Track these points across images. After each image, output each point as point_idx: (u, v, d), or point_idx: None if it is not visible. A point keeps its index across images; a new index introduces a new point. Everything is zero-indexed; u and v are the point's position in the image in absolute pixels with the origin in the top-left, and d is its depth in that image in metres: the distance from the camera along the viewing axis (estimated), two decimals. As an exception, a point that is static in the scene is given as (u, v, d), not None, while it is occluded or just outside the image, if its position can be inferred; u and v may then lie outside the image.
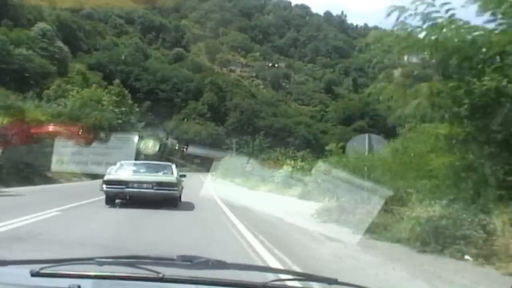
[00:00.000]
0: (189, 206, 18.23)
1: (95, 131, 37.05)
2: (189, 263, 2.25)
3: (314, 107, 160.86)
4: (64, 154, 30.36)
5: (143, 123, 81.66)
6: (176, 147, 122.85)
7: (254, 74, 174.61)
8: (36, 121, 31.02)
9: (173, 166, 19.35)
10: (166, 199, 17.01)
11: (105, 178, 17.08)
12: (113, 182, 16.86)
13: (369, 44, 12.09)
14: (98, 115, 45.35)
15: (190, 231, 11.83)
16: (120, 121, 52.65)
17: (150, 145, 38.00)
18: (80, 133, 32.60)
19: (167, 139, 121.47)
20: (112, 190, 16.89)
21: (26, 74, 56.82)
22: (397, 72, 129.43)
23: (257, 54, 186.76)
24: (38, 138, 30.16)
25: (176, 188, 17.26)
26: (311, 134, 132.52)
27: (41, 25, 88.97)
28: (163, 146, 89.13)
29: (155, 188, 16.83)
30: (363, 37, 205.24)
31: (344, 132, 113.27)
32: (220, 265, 2.31)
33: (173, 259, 2.31)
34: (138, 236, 10.43)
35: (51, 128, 30.52)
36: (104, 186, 16.83)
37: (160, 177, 17.80)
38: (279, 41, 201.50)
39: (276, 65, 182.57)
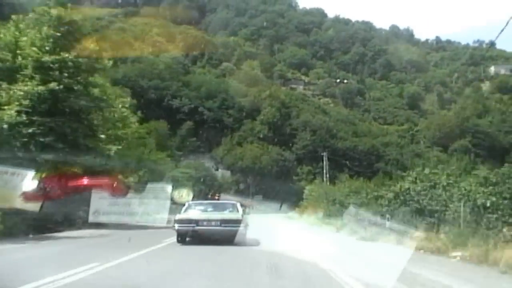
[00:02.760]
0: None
1: (129, 183, 36.61)
2: None
3: (400, 125, 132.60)
4: (101, 205, 30.62)
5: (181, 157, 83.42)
6: (229, 180, 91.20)
7: (319, 92, 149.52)
8: (73, 173, 31.08)
9: (238, 205, 20.36)
10: (233, 235, 17.77)
11: (176, 217, 18.62)
12: (184, 221, 18.18)
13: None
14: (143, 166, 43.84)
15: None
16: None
17: (184, 195, 34.56)
18: (115, 185, 31.00)
19: (216, 169, 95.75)
20: (183, 228, 18.12)
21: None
22: (485, 86, 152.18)
23: (321, 70, 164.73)
24: (76, 190, 30.09)
25: (241, 225, 18.06)
26: (404, 157, 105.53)
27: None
28: (210, 179, 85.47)
29: (222, 225, 17.95)
30: (436, 51, 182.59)
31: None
32: None
33: None
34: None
35: (86, 181, 30.12)
36: (176, 225, 18.14)
37: (226, 214, 18.93)
38: (344, 57, 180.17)
39: (345, 81, 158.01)
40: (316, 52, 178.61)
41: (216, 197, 72.99)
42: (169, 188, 34.80)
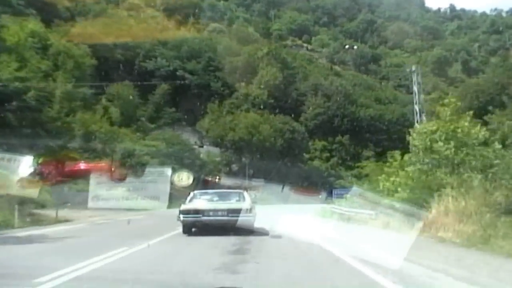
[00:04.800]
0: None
1: (127, 167, 40.76)
2: None
3: (427, 95, 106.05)
4: (100, 190, 29.86)
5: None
6: (217, 158, 68.45)
7: (326, 59, 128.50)
8: (70, 158, 33.46)
9: (245, 193, 20.12)
10: (241, 225, 17.45)
11: (181, 208, 18.06)
12: (189, 211, 17.70)
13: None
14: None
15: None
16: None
17: (184, 178, 30.80)
18: (113, 169, 33.73)
19: (201, 145, 78.71)
20: (189, 219, 17.71)
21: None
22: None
23: (326, 37, 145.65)
24: (74, 175, 32.20)
25: (250, 214, 17.79)
26: None
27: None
28: (190, 156, 67.35)
29: (230, 215, 17.47)
30: (451, 20, 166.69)
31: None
32: None
33: None
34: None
35: (83, 165, 32.87)
36: (181, 216, 17.70)
37: (233, 204, 18.47)
38: (350, 25, 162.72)
39: (355, 47, 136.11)
40: (319, 18, 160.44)
41: (217, 179, 63.83)
42: (168, 171, 34.32)
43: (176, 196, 29.77)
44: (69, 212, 30.23)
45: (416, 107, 45.15)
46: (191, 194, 19.47)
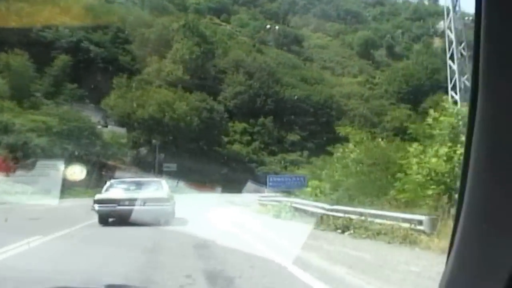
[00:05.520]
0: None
1: (16, 159, 36.38)
2: None
3: (354, 78, 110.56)
4: None
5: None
6: (123, 140, 60.08)
7: (247, 38, 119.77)
8: None
9: (163, 182, 20.27)
10: (159, 215, 17.14)
11: (96, 197, 17.86)
12: (104, 201, 17.46)
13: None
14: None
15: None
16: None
17: (77, 172, 32.40)
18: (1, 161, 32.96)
19: (105, 125, 69.27)
20: (103, 209, 17.33)
21: None
22: (438, 41, 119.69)
23: (246, 17, 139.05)
24: None
25: (168, 204, 17.82)
26: (374, 114, 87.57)
27: None
28: (89, 136, 58.32)
29: (147, 204, 17.28)
30: (373, 7, 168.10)
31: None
32: None
33: None
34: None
35: None
36: (96, 205, 17.39)
37: (151, 193, 18.19)
38: (271, 5, 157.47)
39: (277, 27, 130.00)
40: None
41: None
42: (61, 165, 33.51)
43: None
44: None
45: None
46: (108, 183, 19.55)
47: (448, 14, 35.72)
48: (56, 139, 46.06)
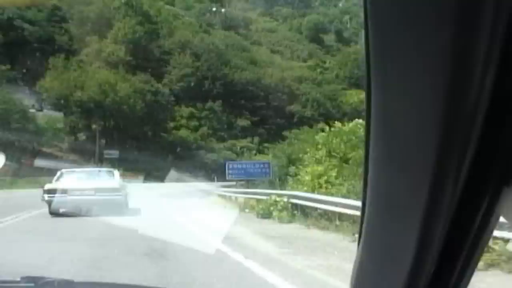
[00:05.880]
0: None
1: None
2: (32, 284, 2.22)
3: (304, 62, 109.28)
4: None
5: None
6: (60, 125, 55.68)
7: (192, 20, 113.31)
8: None
9: (115, 172, 20.19)
10: (110, 204, 16.83)
11: (46, 187, 17.61)
12: (55, 191, 17.21)
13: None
14: None
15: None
16: None
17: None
18: None
19: (40, 109, 64.89)
20: (54, 199, 17.18)
21: None
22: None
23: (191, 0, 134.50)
24: None
25: (119, 193, 17.58)
26: (327, 98, 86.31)
27: None
28: (20, 120, 54.68)
29: (98, 194, 17.22)
30: None
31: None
32: (67, 285, 2.31)
33: (17, 281, 2.27)
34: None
35: None
36: (46, 195, 17.17)
37: (102, 182, 18.11)
38: None
39: (223, 10, 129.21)
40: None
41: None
42: None
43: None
44: None
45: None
46: (58, 173, 19.08)
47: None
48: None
